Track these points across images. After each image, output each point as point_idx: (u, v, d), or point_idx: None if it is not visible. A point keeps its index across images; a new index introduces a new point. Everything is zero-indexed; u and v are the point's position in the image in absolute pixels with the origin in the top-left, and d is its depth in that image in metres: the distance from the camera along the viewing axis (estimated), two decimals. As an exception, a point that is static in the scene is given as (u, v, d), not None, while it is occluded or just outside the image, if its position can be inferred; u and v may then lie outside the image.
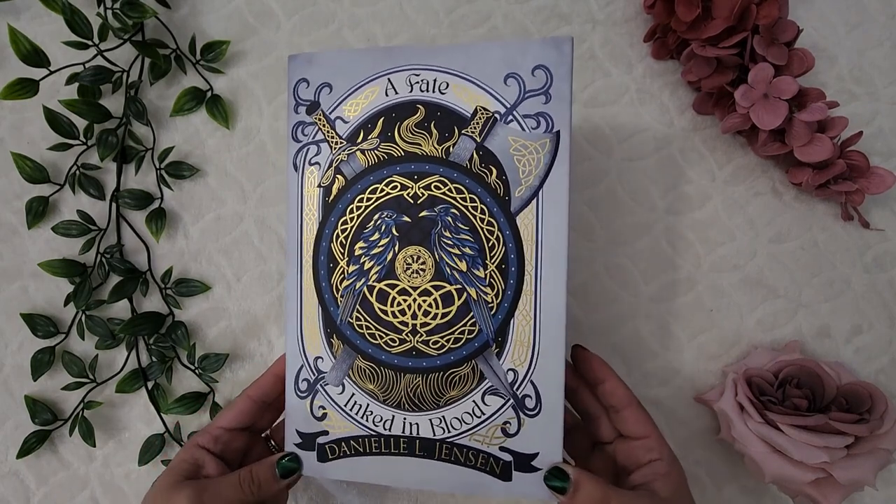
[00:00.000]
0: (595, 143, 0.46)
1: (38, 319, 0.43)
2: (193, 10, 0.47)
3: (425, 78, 0.33)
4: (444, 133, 0.33)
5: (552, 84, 0.32)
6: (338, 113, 0.34)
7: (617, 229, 0.45)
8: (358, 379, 0.34)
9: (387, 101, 0.33)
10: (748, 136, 0.46)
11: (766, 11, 0.41)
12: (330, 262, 0.34)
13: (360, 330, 0.34)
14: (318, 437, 0.34)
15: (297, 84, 0.34)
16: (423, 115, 0.33)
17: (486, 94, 0.32)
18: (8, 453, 0.43)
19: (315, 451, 0.34)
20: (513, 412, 0.32)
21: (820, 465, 0.36)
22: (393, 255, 0.33)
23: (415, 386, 0.33)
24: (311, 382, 0.35)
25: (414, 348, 0.33)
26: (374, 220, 0.33)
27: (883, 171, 0.43)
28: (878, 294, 0.45)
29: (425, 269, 0.33)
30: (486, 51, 0.33)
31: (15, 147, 0.45)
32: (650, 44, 0.48)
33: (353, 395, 0.34)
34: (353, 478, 0.34)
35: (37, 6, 0.46)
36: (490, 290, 0.32)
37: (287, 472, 0.34)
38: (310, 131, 0.34)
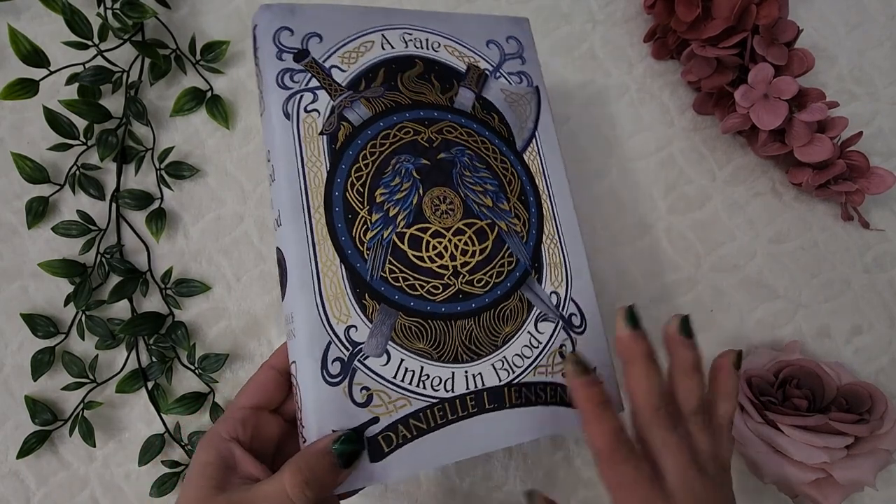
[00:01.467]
0: (595, 143, 0.46)
1: (38, 319, 0.43)
2: (193, 10, 0.47)
3: (418, 37, 0.35)
4: (445, 84, 0.35)
5: (524, 51, 0.38)
6: (332, 62, 0.33)
7: (617, 229, 0.45)
8: (404, 340, 0.30)
9: (384, 54, 0.34)
10: (748, 137, 0.46)
11: (766, 11, 0.41)
12: (348, 212, 0.30)
13: (396, 283, 0.30)
14: (367, 430, 0.28)
15: (279, 31, 0.32)
16: (421, 68, 0.35)
17: (473, 54, 0.37)
18: (8, 453, 0.43)
19: (365, 449, 0.28)
20: (564, 334, 0.33)
21: (820, 466, 0.36)
22: (419, 199, 0.32)
23: (468, 331, 0.31)
24: (346, 360, 0.28)
25: (459, 291, 0.31)
26: (393, 165, 0.32)
27: (883, 171, 0.43)
28: (877, 294, 0.45)
29: (454, 208, 0.32)
30: (466, 21, 0.37)
31: (15, 147, 0.45)
32: (650, 44, 0.48)
33: (402, 360, 0.29)
34: (418, 468, 0.28)
35: (37, 6, 0.46)
36: (517, 221, 0.34)
37: (349, 457, 0.26)
38: (300, 78, 0.32)
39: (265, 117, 0.32)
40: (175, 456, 0.42)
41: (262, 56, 0.32)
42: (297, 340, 0.28)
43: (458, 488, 0.42)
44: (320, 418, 0.27)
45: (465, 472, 0.42)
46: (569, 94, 0.47)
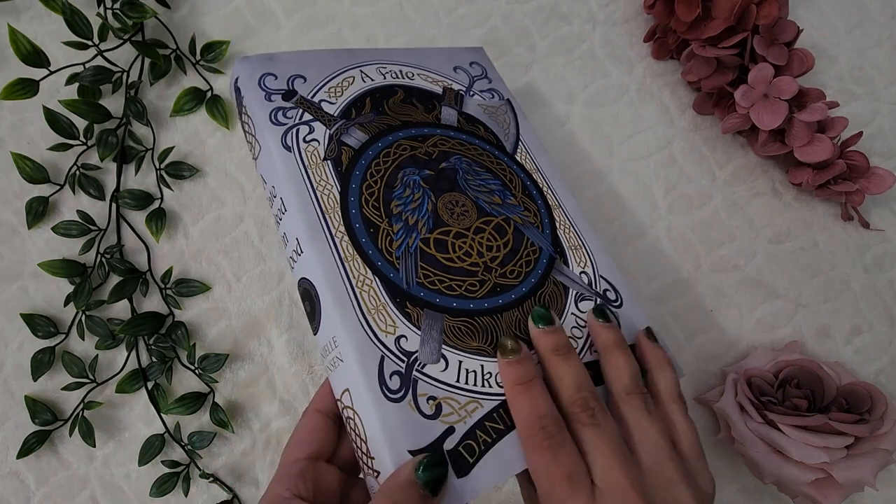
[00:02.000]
0: (595, 143, 0.46)
1: (38, 320, 0.43)
2: (193, 10, 0.47)
3: (392, 69, 0.38)
4: (428, 105, 0.37)
5: (487, 72, 0.42)
6: (320, 97, 0.35)
7: (617, 229, 0.45)
8: (457, 341, 0.29)
9: (367, 86, 0.36)
10: (748, 137, 0.46)
11: (766, 11, 0.41)
12: (369, 227, 0.31)
13: (433, 287, 0.30)
14: (445, 442, 0.25)
15: (263, 77, 0.34)
16: (403, 94, 0.37)
17: (444, 79, 0.39)
18: (8, 453, 0.42)
19: (449, 467, 0.25)
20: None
21: (820, 466, 0.36)
22: (433, 205, 0.33)
23: (516, 321, 0.30)
24: (405, 372, 0.27)
25: (496, 284, 0.31)
26: (401, 178, 0.33)
27: (883, 171, 0.43)
28: (877, 294, 0.45)
29: (468, 209, 0.33)
30: (431, 53, 0.40)
31: (15, 147, 0.45)
32: (650, 44, 0.48)
33: (461, 362, 0.28)
34: (506, 473, 0.26)
35: (37, 6, 0.46)
36: (529, 213, 0.35)
37: (436, 483, 0.23)
38: (293, 114, 0.34)
39: (262, 157, 0.33)
40: (175, 456, 0.42)
41: (250, 102, 0.34)
42: (346, 365, 0.27)
43: (458, 488, 0.42)
44: (391, 439, 0.25)
45: (465, 472, 0.42)
46: (569, 94, 0.47)
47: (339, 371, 0.27)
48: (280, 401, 0.43)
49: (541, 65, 0.47)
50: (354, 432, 0.26)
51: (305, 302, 0.30)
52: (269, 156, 0.32)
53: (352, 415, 0.26)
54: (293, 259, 0.31)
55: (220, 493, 0.42)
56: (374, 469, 0.25)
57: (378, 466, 0.25)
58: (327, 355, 0.28)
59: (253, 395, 0.43)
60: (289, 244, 0.31)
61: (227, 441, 0.43)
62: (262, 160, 0.33)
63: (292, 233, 0.30)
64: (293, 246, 0.30)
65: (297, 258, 0.30)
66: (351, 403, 0.26)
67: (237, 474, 0.42)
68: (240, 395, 0.43)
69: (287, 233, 0.31)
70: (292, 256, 0.31)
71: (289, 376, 0.43)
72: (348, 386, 0.27)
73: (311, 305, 0.29)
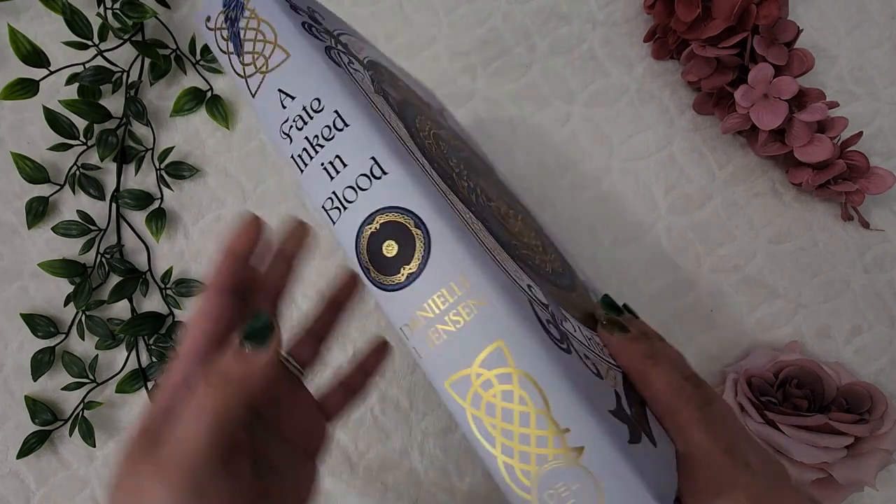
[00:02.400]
0: (596, 143, 0.46)
1: (38, 320, 0.43)
2: (193, 10, 0.47)
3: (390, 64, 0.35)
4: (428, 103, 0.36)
5: (444, 109, 0.42)
6: (344, 41, 0.28)
7: (617, 229, 0.45)
8: (562, 303, 0.24)
9: (374, 58, 0.31)
10: (748, 137, 0.46)
11: (766, 11, 0.41)
12: (442, 173, 0.24)
13: (516, 251, 0.25)
14: (623, 408, 0.20)
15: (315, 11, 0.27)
16: (405, 84, 0.34)
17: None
18: (8, 453, 0.43)
19: (635, 433, 0.20)
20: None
21: (820, 466, 0.36)
22: (474, 183, 0.28)
23: (581, 302, 0.27)
24: (553, 321, 0.21)
25: (552, 270, 0.27)
26: (443, 147, 0.27)
27: (883, 171, 0.43)
28: (877, 294, 0.45)
29: (498, 195, 0.31)
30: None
31: (15, 147, 0.45)
32: (650, 44, 0.48)
33: (578, 327, 0.23)
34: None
35: (37, 6, 0.46)
36: (529, 217, 0.35)
37: (258, 333, 0.22)
38: (326, 39, 0.26)
39: (292, 66, 0.23)
40: (175, 456, 0.42)
41: (265, 5, 0.24)
42: (492, 312, 0.19)
43: (458, 488, 0.42)
44: (586, 398, 0.18)
45: (465, 472, 0.42)
46: (569, 94, 0.47)
47: (479, 320, 0.19)
48: (280, 401, 0.43)
49: (541, 65, 0.47)
50: (519, 402, 0.18)
51: (389, 241, 0.20)
52: (309, 64, 0.23)
53: (510, 380, 0.18)
54: (358, 188, 0.21)
55: (220, 493, 0.42)
56: (570, 445, 0.18)
57: (579, 438, 0.18)
58: (451, 302, 0.19)
59: (253, 395, 0.43)
60: (346, 169, 0.21)
61: (227, 441, 0.43)
62: (291, 70, 0.23)
63: (359, 151, 0.21)
64: (360, 169, 0.21)
65: (371, 184, 0.21)
66: (511, 362, 0.18)
67: (237, 474, 0.42)
68: (240, 395, 0.43)
69: (343, 154, 0.22)
70: (355, 184, 0.21)
71: (289, 376, 0.43)
72: (502, 337, 0.18)
73: (404, 243, 0.20)
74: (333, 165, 0.22)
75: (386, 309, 0.20)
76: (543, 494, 0.18)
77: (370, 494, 0.42)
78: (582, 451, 0.18)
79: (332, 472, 0.42)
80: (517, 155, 0.46)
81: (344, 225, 0.21)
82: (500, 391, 0.18)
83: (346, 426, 0.43)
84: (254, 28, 0.25)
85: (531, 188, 0.46)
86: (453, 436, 0.43)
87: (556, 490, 0.18)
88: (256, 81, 0.24)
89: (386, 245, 0.20)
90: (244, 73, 0.24)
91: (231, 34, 0.25)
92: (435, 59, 0.47)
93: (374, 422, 0.43)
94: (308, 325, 0.30)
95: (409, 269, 0.20)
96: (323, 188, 0.21)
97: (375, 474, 0.42)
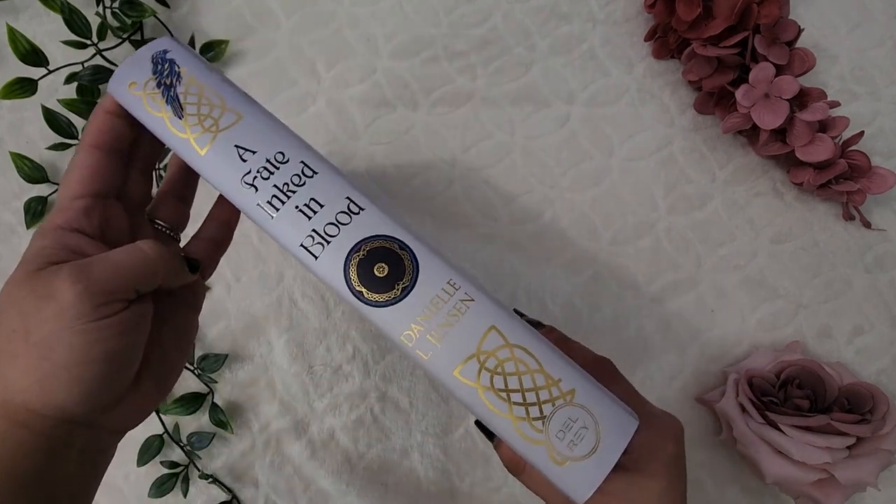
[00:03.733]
0: (596, 143, 0.46)
1: (37, 320, 0.43)
2: (193, 9, 0.47)
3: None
4: None
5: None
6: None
7: (618, 229, 0.45)
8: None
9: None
10: (749, 136, 0.46)
11: (768, 11, 0.41)
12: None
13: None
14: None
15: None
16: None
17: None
18: (6, 454, 0.42)
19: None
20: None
21: (821, 466, 0.36)
22: None
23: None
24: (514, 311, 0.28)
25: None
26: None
27: (884, 170, 0.43)
28: (879, 294, 0.45)
29: None
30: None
31: (13, 147, 0.45)
32: (651, 43, 0.48)
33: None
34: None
35: (36, 6, 0.46)
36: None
37: (193, 266, 0.27)
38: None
39: (245, 126, 0.27)
40: (174, 457, 0.42)
41: (202, 78, 0.28)
42: (480, 303, 0.24)
43: (458, 489, 0.42)
44: (563, 356, 0.24)
45: (464, 472, 0.42)
46: (569, 94, 0.47)
47: (472, 313, 0.24)
48: (279, 401, 0.43)
49: (541, 64, 0.47)
50: (519, 368, 0.24)
51: (380, 264, 0.25)
52: (264, 123, 0.27)
53: (508, 353, 0.24)
54: (339, 223, 0.25)
55: (220, 494, 0.42)
56: (565, 391, 0.23)
57: (569, 384, 0.23)
58: (445, 304, 0.24)
59: (252, 396, 0.43)
60: (323, 209, 0.25)
61: (226, 441, 0.42)
62: (246, 129, 0.27)
63: (333, 193, 0.25)
64: (338, 208, 0.25)
65: (351, 219, 0.25)
66: (505, 339, 0.24)
67: (236, 475, 0.42)
68: (239, 395, 0.43)
69: (317, 196, 0.25)
70: (336, 220, 0.25)
71: (288, 376, 0.43)
72: (493, 322, 0.24)
73: (394, 263, 0.25)
74: (309, 207, 0.25)
75: (383, 324, 0.24)
76: (554, 435, 0.22)
77: (370, 494, 0.42)
78: (574, 392, 0.23)
79: (332, 472, 0.42)
80: (517, 155, 0.46)
81: (329, 257, 0.24)
82: (503, 363, 0.23)
83: (346, 426, 0.43)
84: (195, 93, 0.27)
85: (531, 188, 0.46)
86: (453, 436, 0.43)
87: (563, 429, 0.22)
88: (206, 140, 0.26)
89: (377, 267, 0.24)
90: (187, 132, 0.26)
91: (168, 98, 0.27)
92: (435, 59, 0.47)
93: (374, 422, 0.43)
94: (166, 188, 0.31)
95: (403, 283, 0.24)
96: (300, 228, 0.25)
97: (375, 474, 0.42)
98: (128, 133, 0.27)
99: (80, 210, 0.25)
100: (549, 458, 0.22)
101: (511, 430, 0.22)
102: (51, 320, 0.22)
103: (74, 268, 0.22)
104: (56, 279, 0.22)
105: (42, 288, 0.22)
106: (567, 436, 0.22)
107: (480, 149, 0.46)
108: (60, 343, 0.22)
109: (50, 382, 0.22)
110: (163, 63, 0.28)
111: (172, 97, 0.27)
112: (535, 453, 0.22)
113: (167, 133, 0.26)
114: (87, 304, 0.22)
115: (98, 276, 0.23)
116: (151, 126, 0.27)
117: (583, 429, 0.22)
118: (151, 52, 0.28)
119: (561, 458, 0.22)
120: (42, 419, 0.22)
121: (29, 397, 0.22)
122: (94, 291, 0.22)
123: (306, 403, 0.43)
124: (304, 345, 0.43)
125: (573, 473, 0.22)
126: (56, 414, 0.22)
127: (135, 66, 0.27)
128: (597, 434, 0.23)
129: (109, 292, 0.23)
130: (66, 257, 0.24)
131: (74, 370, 0.22)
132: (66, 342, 0.22)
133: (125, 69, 0.27)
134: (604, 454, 0.22)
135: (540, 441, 0.22)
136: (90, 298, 0.22)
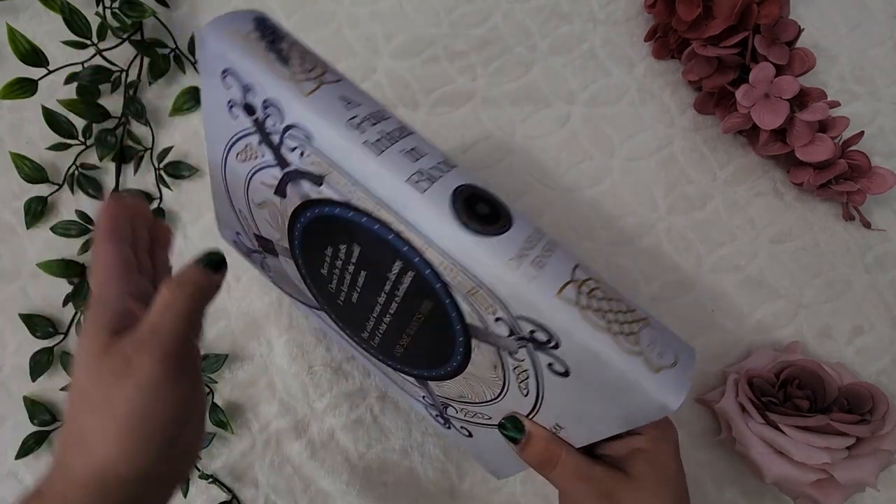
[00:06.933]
0: (596, 143, 0.46)
1: (37, 320, 0.43)
2: (193, 9, 0.47)
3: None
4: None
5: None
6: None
7: (618, 229, 0.45)
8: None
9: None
10: (749, 136, 0.46)
11: (768, 11, 0.41)
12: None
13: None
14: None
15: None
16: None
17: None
18: (6, 454, 0.42)
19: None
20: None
21: (821, 466, 0.36)
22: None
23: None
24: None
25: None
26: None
27: (884, 170, 0.43)
28: (879, 294, 0.45)
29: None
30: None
31: (13, 147, 0.45)
32: (651, 43, 0.48)
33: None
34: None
35: (36, 6, 0.46)
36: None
37: (216, 263, 0.27)
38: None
39: (351, 87, 0.28)
40: (174, 456, 0.42)
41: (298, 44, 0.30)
42: (563, 246, 0.27)
43: (458, 489, 0.42)
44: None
45: (464, 472, 0.42)
46: (569, 94, 0.47)
47: (559, 252, 0.27)
48: (279, 401, 0.43)
49: (541, 64, 0.47)
50: (607, 293, 0.26)
51: (481, 203, 0.27)
52: (359, 90, 0.29)
53: (594, 283, 0.26)
54: (441, 169, 0.27)
55: (220, 494, 0.42)
56: (640, 316, 0.27)
57: (642, 312, 0.27)
58: (537, 244, 0.27)
59: (252, 396, 0.43)
60: (426, 157, 0.27)
61: (226, 442, 0.42)
62: (348, 88, 0.28)
63: (428, 150, 0.28)
64: (437, 159, 0.27)
65: (449, 168, 0.27)
66: (588, 274, 0.26)
67: (236, 475, 0.42)
68: (239, 395, 0.43)
69: (418, 148, 0.27)
70: (438, 166, 0.27)
71: (288, 377, 0.43)
72: (576, 262, 0.27)
73: (493, 206, 0.27)
74: (414, 152, 0.27)
75: (488, 252, 0.25)
76: (645, 347, 0.25)
77: (370, 494, 0.42)
78: (648, 318, 0.26)
79: (332, 472, 0.42)
80: (516, 155, 0.46)
81: (436, 192, 0.26)
82: (594, 290, 0.26)
83: (346, 426, 0.43)
84: (299, 52, 0.29)
85: (531, 188, 0.46)
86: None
87: (651, 343, 0.25)
88: (311, 86, 0.27)
89: (479, 206, 0.26)
90: (292, 78, 0.27)
91: (272, 49, 0.28)
92: (435, 59, 0.47)
93: (373, 422, 0.43)
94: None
95: (502, 222, 0.26)
96: (405, 167, 0.26)
97: (375, 474, 0.42)
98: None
99: (121, 312, 0.26)
100: (647, 367, 0.24)
101: (612, 344, 0.24)
102: (132, 394, 0.24)
103: (137, 345, 0.24)
104: (124, 353, 0.24)
105: (120, 364, 0.24)
106: (655, 348, 0.25)
107: (480, 149, 0.46)
108: (142, 413, 0.24)
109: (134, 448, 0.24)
110: (265, 22, 0.29)
111: (277, 49, 0.28)
112: (633, 364, 0.24)
113: (267, 77, 0.27)
114: (163, 372, 0.24)
115: (165, 336, 0.24)
116: (247, 69, 0.27)
117: (664, 345, 0.25)
118: (251, 14, 0.29)
119: (657, 367, 0.24)
120: (128, 483, 0.24)
121: (120, 467, 0.24)
122: (161, 358, 0.24)
123: (306, 403, 0.43)
124: (304, 345, 0.43)
125: (666, 381, 0.24)
126: (139, 475, 0.24)
127: (234, 20, 0.28)
128: (674, 350, 0.25)
129: (181, 350, 0.25)
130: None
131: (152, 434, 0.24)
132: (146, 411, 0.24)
133: (223, 19, 0.28)
134: (684, 366, 0.25)
135: (637, 353, 0.24)
136: (165, 367, 0.24)
